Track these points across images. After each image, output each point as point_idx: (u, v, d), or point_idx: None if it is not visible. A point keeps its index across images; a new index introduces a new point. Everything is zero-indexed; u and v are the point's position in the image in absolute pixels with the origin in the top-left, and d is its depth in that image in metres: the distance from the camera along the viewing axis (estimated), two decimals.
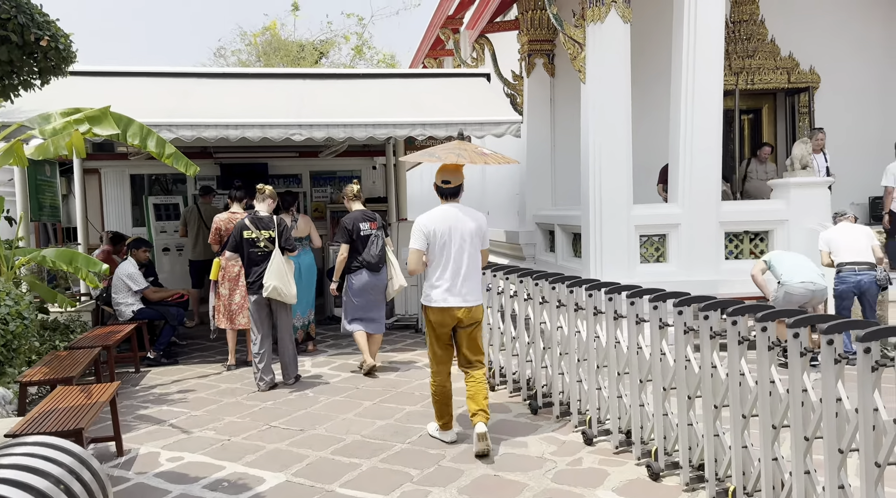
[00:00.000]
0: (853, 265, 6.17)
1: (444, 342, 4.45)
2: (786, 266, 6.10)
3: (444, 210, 4.41)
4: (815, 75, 9.28)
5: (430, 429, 4.68)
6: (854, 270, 6.15)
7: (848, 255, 6.22)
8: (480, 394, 4.35)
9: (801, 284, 5.97)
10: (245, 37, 23.99)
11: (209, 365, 6.90)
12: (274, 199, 6.27)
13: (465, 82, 8.47)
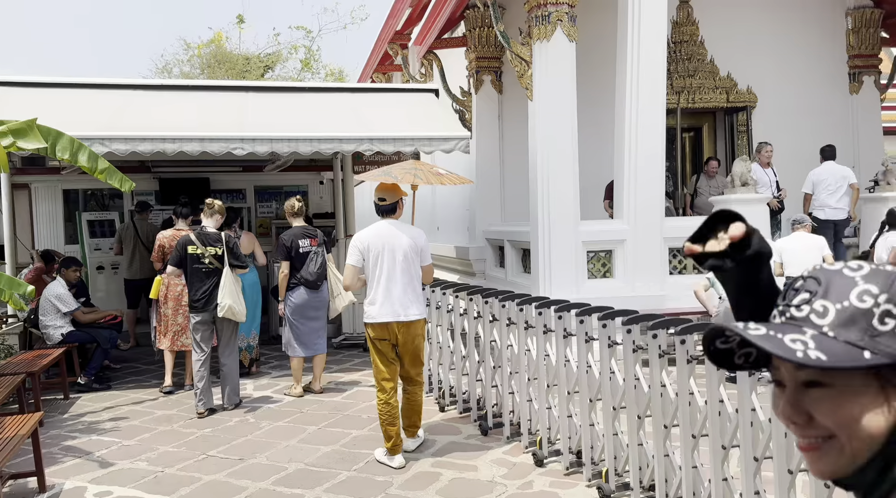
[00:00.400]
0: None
1: (387, 359, 4.44)
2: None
3: (380, 227, 4.46)
4: (752, 95, 9.57)
5: (377, 454, 4.54)
6: None
7: (795, 269, 6.36)
8: (413, 410, 4.57)
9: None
10: (189, 49, 23.46)
11: (144, 390, 6.57)
12: (223, 214, 6.12)
13: (413, 97, 8.40)
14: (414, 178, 4.40)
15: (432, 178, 4.50)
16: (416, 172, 4.49)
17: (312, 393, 6.22)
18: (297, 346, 6.16)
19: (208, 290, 5.83)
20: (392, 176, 4.43)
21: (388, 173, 4.52)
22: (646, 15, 7.22)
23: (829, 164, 8.34)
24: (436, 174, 4.59)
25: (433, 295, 5.76)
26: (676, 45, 9.36)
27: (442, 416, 5.44)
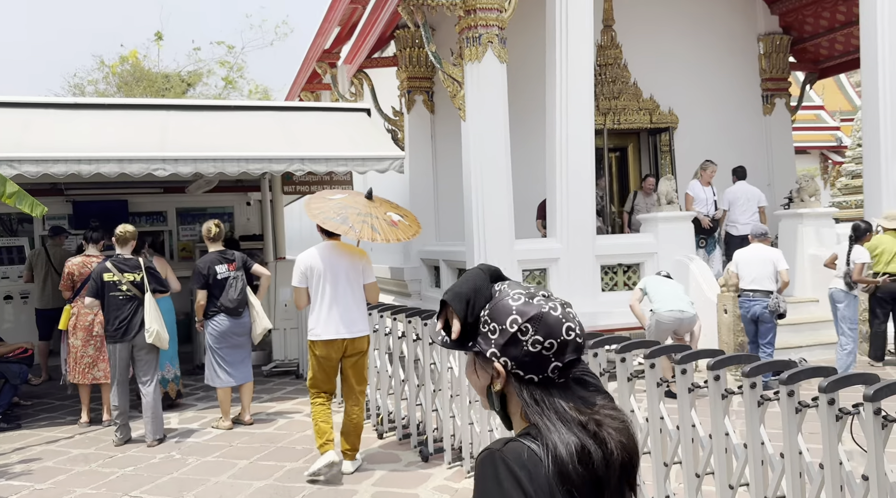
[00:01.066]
0: (749, 292, 6.52)
1: (328, 376, 4.60)
2: (657, 293, 6.32)
3: (321, 247, 4.61)
4: (673, 116, 9.94)
5: (309, 470, 4.51)
6: (749, 297, 6.51)
7: (747, 282, 6.56)
8: (354, 431, 4.61)
9: (668, 311, 6.18)
10: (103, 67, 22.51)
11: (58, 427, 6.12)
12: (135, 239, 5.86)
13: (344, 117, 8.27)
14: (371, 232, 4.41)
15: (388, 232, 4.51)
16: (373, 224, 4.49)
17: (242, 424, 5.94)
18: (221, 375, 5.89)
19: (126, 318, 5.59)
20: (351, 227, 4.42)
21: (345, 221, 4.48)
22: (573, 38, 7.39)
23: (741, 184, 8.71)
24: (390, 224, 4.61)
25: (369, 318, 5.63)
26: (602, 67, 9.63)
27: (380, 443, 5.29)
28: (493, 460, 1.13)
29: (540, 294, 1.23)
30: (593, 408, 1.18)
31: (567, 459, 1.10)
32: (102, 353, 6.17)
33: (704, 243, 8.50)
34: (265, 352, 8.32)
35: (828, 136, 21.31)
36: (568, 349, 1.18)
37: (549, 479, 1.10)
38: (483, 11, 7.13)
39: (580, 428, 1.14)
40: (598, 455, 1.12)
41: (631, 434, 1.18)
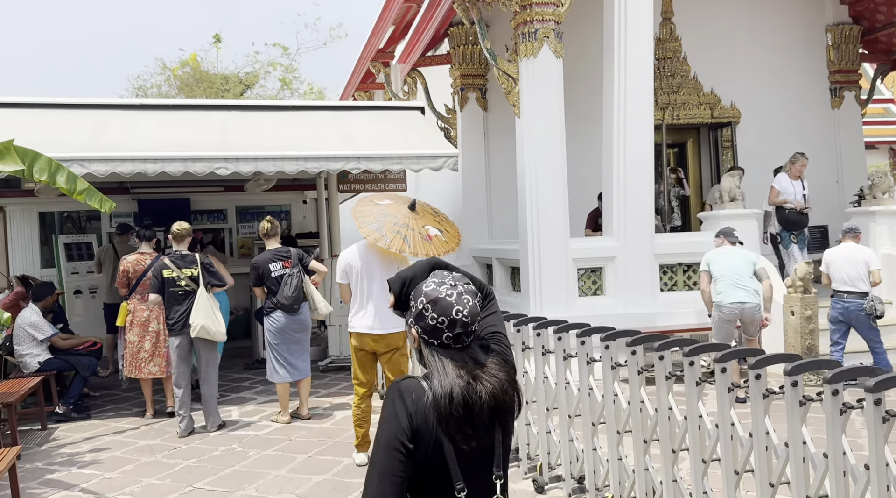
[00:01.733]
0: (843, 293, 6.33)
1: (364, 367, 4.82)
2: (719, 274, 6.10)
3: (360, 245, 4.82)
4: (736, 110, 9.63)
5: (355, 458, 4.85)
6: (843, 299, 6.33)
7: (840, 283, 6.37)
8: None
9: (730, 304, 6.03)
10: (165, 70, 23.23)
11: (125, 418, 6.33)
12: (190, 235, 6.09)
13: (398, 115, 8.31)
14: (402, 243, 4.47)
15: (419, 246, 4.52)
16: (406, 235, 4.54)
17: (300, 419, 6.03)
18: (280, 371, 6.00)
19: (185, 312, 5.79)
20: (383, 235, 4.51)
21: (379, 230, 4.56)
22: (631, 31, 7.23)
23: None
24: (424, 238, 4.62)
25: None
26: (660, 61, 9.39)
27: None
28: (392, 388, 1.62)
29: (447, 283, 1.66)
30: (480, 366, 1.60)
31: (440, 395, 1.55)
32: (158, 348, 6.33)
33: (796, 239, 7.98)
34: (321, 347, 8.44)
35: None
36: (456, 325, 1.61)
37: (427, 406, 1.55)
38: (539, 6, 7.04)
39: (458, 378, 1.56)
40: (465, 398, 1.54)
41: (505, 388, 1.60)
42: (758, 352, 2.99)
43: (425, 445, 1.54)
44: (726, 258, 6.15)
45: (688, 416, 3.21)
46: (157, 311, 6.35)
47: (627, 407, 3.57)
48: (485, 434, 1.59)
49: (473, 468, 1.59)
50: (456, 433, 1.54)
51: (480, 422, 1.56)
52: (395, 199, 4.99)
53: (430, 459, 1.55)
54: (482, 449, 1.59)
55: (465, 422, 1.54)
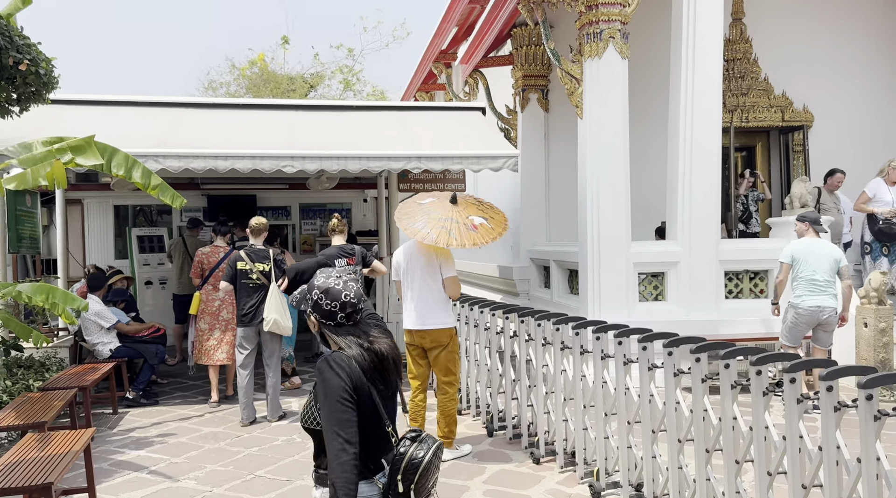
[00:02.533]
0: None
1: (415, 361, 4.96)
2: (803, 271, 5.89)
3: (408, 245, 5.01)
4: (808, 114, 9.28)
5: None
6: None
7: None
8: (444, 419, 4.88)
9: (809, 308, 5.85)
10: (234, 69, 23.96)
11: (190, 405, 6.57)
12: (267, 231, 6.25)
13: (459, 116, 8.35)
14: (448, 237, 4.55)
15: (465, 237, 4.58)
16: (451, 228, 4.62)
17: None
18: None
19: (255, 304, 5.97)
20: (428, 232, 4.60)
21: (424, 227, 4.65)
22: (700, 32, 7.05)
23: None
24: (470, 228, 4.68)
25: (488, 318, 5.64)
26: (729, 62, 9.15)
27: (490, 440, 5.29)
28: (326, 360, 2.06)
29: (334, 276, 2.20)
30: (370, 334, 2.15)
31: (358, 358, 2.07)
32: (226, 336, 6.69)
33: (888, 251, 7.54)
34: None
35: None
36: (347, 307, 2.14)
37: (352, 369, 2.05)
38: (605, 6, 6.94)
39: (360, 345, 2.11)
40: (373, 356, 2.10)
41: (394, 345, 2.17)
42: (830, 362, 2.88)
43: (362, 395, 2.05)
44: (812, 256, 5.90)
45: (753, 426, 3.12)
46: (228, 301, 6.75)
47: (690, 415, 3.49)
48: (391, 380, 2.16)
49: (388, 405, 2.15)
50: (378, 382, 2.10)
51: (389, 371, 2.13)
52: (436, 196, 5.08)
53: (364, 404, 2.06)
54: (390, 391, 2.16)
55: (380, 373, 2.10)
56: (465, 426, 5.64)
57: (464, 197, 5.08)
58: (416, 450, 2.08)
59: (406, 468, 2.05)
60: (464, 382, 6.12)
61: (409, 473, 2.05)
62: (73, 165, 4.98)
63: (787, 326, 6.03)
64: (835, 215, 7.79)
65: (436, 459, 2.10)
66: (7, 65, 3.81)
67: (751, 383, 3.07)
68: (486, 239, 4.68)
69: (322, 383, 2.03)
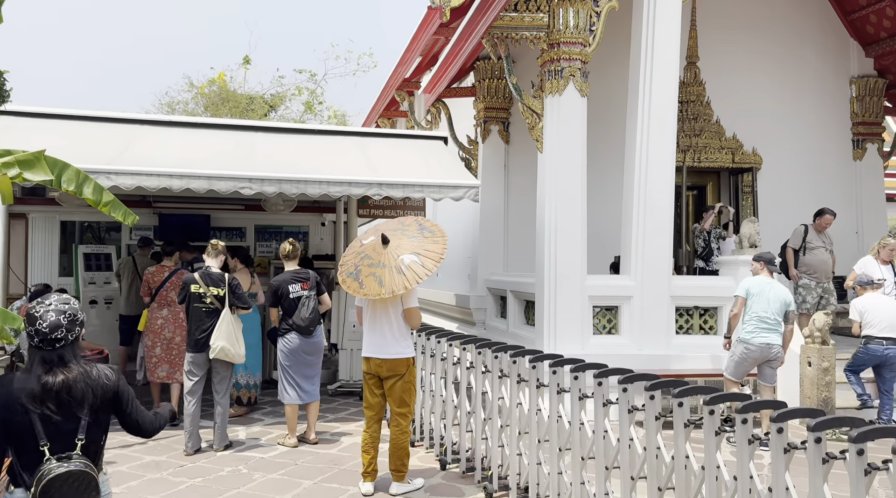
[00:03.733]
0: (882, 340, 6.47)
1: (371, 391, 4.88)
2: (756, 308, 6.05)
3: None
4: (757, 156, 9.64)
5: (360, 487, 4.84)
6: (882, 345, 6.46)
7: (877, 329, 6.51)
8: (395, 452, 4.79)
9: (760, 345, 5.99)
10: (192, 88, 23.64)
11: None
12: (225, 254, 6.11)
13: (421, 144, 8.39)
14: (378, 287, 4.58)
15: (394, 283, 4.56)
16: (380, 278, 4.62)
17: (307, 443, 5.99)
18: (290, 392, 5.99)
19: (208, 329, 5.79)
20: (361, 285, 4.67)
21: (356, 278, 4.74)
22: (657, 73, 7.29)
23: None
24: (397, 272, 4.62)
25: (444, 348, 5.60)
26: (683, 104, 9.46)
27: (443, 474, 5.23)
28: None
29: (44, 303, 2.43)
30: (63, 364, 2.38)
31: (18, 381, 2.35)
32: (168, 355, 6.74)
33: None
34: (331, 371, 8.41)
35: None
36: (38, 334, 2.36)
37: (13, 387, 2.31)
38: (567, 45, 7.13)
39: (38, 368, 2.34)
40: (39, 384, 2.32)
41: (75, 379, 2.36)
42: (780, 404, 2.95)
43: (13, 412, 2.29)
44: (766, 294, 6.08)
45: (705, 466, 3.16)
46: (171, 319, 6.79)
47: (643, 453, 3.52)
48: (68, 409, 2.33)
49: (57, 430, 2.33)
50: (38, 405, 2.30)
51: (61, 400, 2.32)
52: (377, 232, 4.93)
53: (19, 422, 2.29)
54: (67, 418, 2.34)
55: (43, 398, 2.31)
56: (417, 459, 5.56)
57: (401, 226, 5.03)
58: (53, 467, 2.28)
59: (38, 481, 2.28)
60: (418, 412, 6.05)
61: (39, 486, 2.27)
62: (21, 180, 4.80)
63: (734, 361, 6.17)
64: (823, 255, 7.85)
65: (71, 477, 2.29)
66: None
67: (703, 422, 3.11)
68: (414, 281, 4.57)
69: None
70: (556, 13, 7.15)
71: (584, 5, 7.16)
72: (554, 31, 7.16)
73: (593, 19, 7.22)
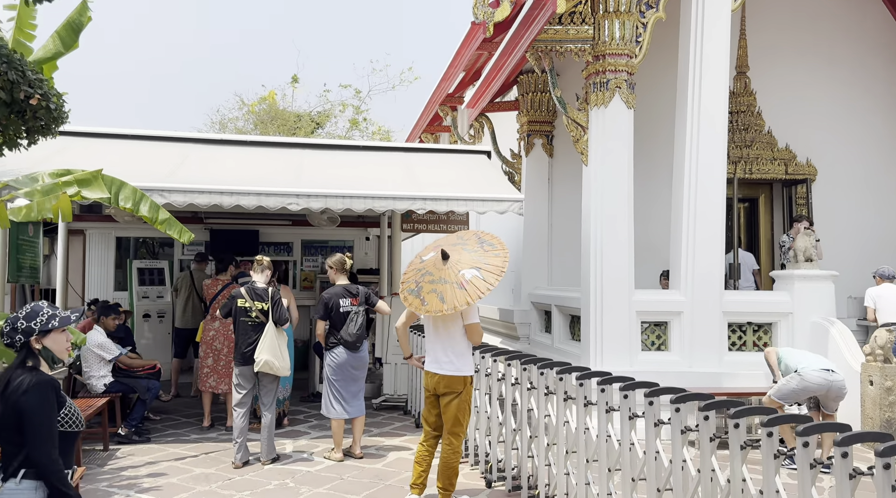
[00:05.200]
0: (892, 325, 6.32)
1: (428, 408, 4.82)
2: (799, 358, 5.84)
3: None
4: (811, 167, 9.34)
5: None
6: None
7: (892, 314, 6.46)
8: (442, 470, 4.68)
9: (820, 372, 5.61)
10: (244, 106, 24.27)
11: (183, 444, 6.44)
12: (271, 269, 6.21)
13: (465, 158, 8.40)
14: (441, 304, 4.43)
15: (455, 299, 4.42)
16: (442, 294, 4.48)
17: (353, 457, 6.00)
18: (336, 406, 6.01)
19: (253, 343, 5.87)
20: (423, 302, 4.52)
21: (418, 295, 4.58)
22: (706, 84, 7.15)
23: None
24: (459, 288, 4.48)
25: (488, 364, 5.55)
26: (733, 114, 9.25)
27: (489, 492, 5.16)
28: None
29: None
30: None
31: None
32: (217, 365, 7.07)
33: None
34: (375, 385, 8.44)
35: None
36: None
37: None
38: (612, 57, 7.05)
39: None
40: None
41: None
42: (844, 426, 2.81)
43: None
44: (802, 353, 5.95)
45: (763, 490, 3.03)
46: (222, 331, 7.11)
47: (696, 475, 3.40)
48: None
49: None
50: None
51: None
52: (436, 249, 4.80)
53: None
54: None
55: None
56: (463, 476, 5.50)
57: (460, 240, 4.90)
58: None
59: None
60: None
61: None
62: (80, 198, 4.99)
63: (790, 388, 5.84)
64: None
65: None
66: (18, 99, 3.83)
67: (761, 445, 2.99)
68: (476, 296, 4.45)
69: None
70: (601, 25, 7.09)
71: (630, 17, 7.08)
72: (599, 42, 7.09)
73: (639, 30, 7.14)
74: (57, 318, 2.68)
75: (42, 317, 2.65)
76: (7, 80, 3.76)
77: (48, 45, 5.34)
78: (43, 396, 2.47)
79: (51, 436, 2.46)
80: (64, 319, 2.69)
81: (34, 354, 2.62)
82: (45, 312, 2.67)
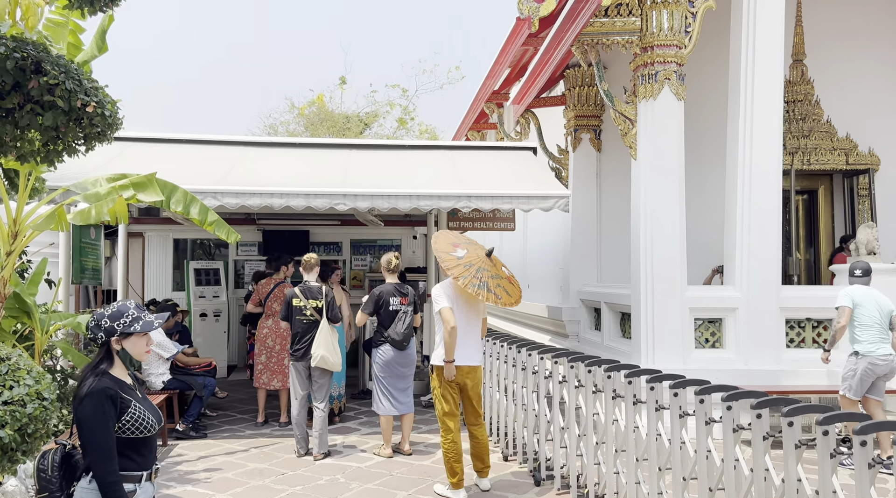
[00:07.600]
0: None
1: (454, 399, 5.01)
2: (865, 320, 5.67)
3: (445, 286, 5.09)
4: (874, 157, 8.94)
5: (437, 488, 5.01)
6: None
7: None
8: (484, 450, 5.08)
9: (884, 356, 5.61)
10: (294, 109, 24.75)
11: (238, 439, 6.61)
12: (318, 266, 6.43)
13: (511, 155, 8.36)
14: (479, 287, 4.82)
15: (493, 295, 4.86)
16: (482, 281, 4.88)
17: (402, 454, 6.05)
18: (385, 403, 6.08)
19: (308, 340, 6.08)
20: (491, 291, 4.87)
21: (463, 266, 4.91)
22: (760, 73, 6.92)
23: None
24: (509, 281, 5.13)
25: (536, 361, 5.51)
26: (790, 104, 8.93)
27: (538, 490, 5.12)
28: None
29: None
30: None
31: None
32: (270, 362, 7.25)
33: None
34: (423, 382, 8.48)
35: None
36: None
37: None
38: (661, 48, 6.90)
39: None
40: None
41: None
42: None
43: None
44: (873, 301, 5.70)
45: (819, 490, 2.92)
46: (275, 329, 7.31)
47: (749, 474, 3.30)
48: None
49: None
50: None
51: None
52: (468, 242, 5.27)
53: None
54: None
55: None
56: (511, 474, 5.49)
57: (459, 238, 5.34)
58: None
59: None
60: (510, 426, 5.98)
61: None
62: (135, 201, 5.17)
63: (857, 378, 5.68)
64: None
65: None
66: (76, 107, 3.99)
67: (817, 444, 2.88)
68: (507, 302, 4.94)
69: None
70: (649, 16, 6.95)
71: (678, 7, 6.91)
72: (647, 34, 6.95)
73: (689, 20, 6.96)
74: (140, 322, 2.56)
75: (126, 318, 2.54)
76: (65, 89, 3.92)
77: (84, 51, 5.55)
78: (96, 406, 2.39)
79: (102, 447, 2.38)
80: (146, 324, 2.58)
81: (111, 354, 2.55)
82: (129, 314, 2.56)
